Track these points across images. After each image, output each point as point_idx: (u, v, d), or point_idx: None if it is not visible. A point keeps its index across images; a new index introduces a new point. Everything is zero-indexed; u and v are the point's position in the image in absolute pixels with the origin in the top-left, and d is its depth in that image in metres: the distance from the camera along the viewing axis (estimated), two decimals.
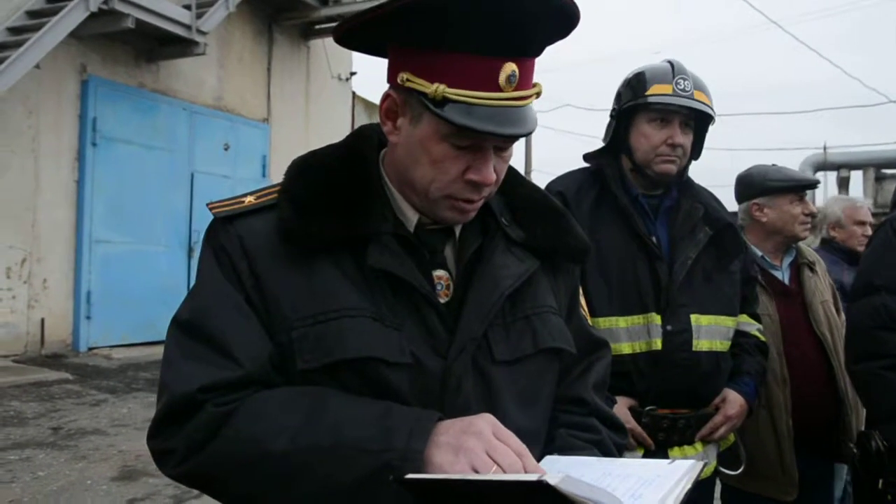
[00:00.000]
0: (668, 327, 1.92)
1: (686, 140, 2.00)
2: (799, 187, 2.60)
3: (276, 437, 0.93)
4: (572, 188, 2.03)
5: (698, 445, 2.01)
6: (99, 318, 8.26)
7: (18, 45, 7.10)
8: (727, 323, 2.03)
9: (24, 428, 5.36)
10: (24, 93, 7.50)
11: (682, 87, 1.96)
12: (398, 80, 1.00)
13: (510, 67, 0.97)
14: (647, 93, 1.97)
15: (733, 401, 2.04)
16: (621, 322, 1.92)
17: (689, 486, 0.95)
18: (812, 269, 2.65)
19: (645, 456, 1.92)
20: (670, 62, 2.02)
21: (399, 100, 1.03)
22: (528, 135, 1.01)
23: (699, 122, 2.04)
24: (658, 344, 1.91)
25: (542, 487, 0.76)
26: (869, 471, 2.06)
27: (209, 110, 9.68)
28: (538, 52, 1.02)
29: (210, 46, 9.03)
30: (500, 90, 0.97)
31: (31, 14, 7.73)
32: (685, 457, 1.97)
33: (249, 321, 1.01)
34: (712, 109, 2.00)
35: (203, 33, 8.74)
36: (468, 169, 1.01)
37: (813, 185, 2.67)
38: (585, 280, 1.91)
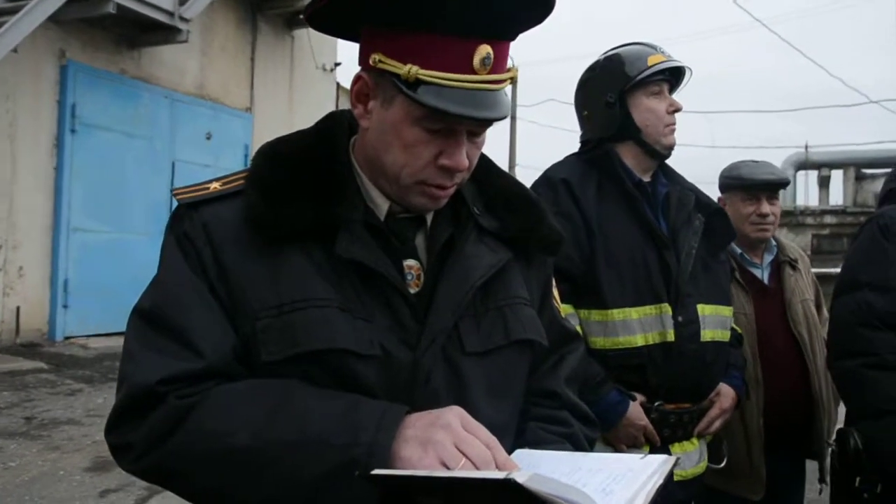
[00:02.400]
0: (679, 318, 1.90)
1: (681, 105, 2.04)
2: (747, 187, 2.55)
3: (240, 431, 0.91)
4: (576, 175, 2.00)
5: (695, 440, 2.00)
6: (76, 306, 8.14)
7: None
8: (725, 312, 2.03)
9: None
10: (1, 77, 7.35)
11: (668, 54, 2.02)
12: (370, 62, 0.98)
13: (485, 50, 0.95)
14: (649, 65, 1.98)
15: (727, 394, 2.04)
16: (634, 313, 1.89)
17: (660, 481, 0.94)
18: (794, 267, 2.62)
19: (651, 453, 1.89)
20: (641, 42, 2.07)
21: (371, 82, 1.01)
22: (501, 119, 0.99)
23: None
24: (671, 335, 1.88)
25: (510, 485, 0.75)
26: (846, 468, 2.06)
27: (191, 98, 9.57)
28: (513, 35, 1.00)
29: (193, 34, 8.90)
30: (475, 73, 0.95)
31: None
32: (685, 452, 1.96)
33: (213, 311, 0.98)
34: (691, 68, 2.07)
35: (186, 20, 8.61)
36: (440, 154, 0.99)
37: (761, 185, 2.54)
38: (597, 271, 1.89)
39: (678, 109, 2.01)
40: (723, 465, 2.18)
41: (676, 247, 1.96)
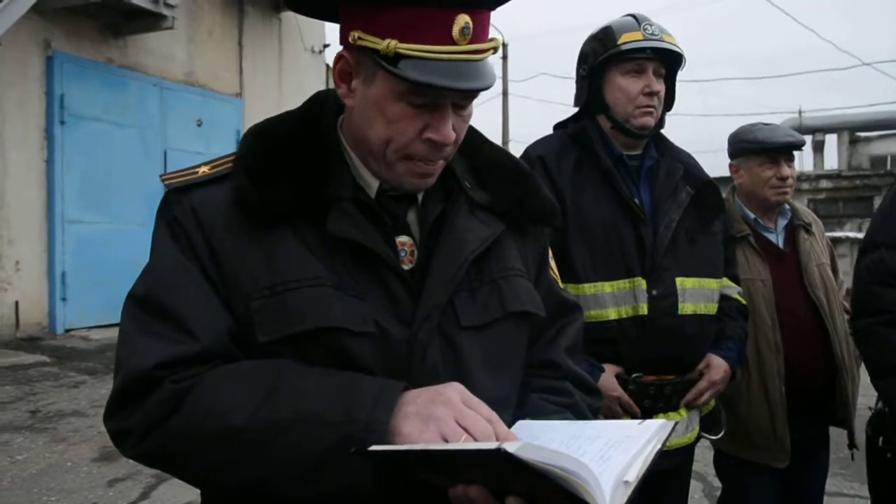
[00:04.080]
0: (654, 292, 1.90)
1: (661, 87, 1.98)
2: (767, 150, 2.49)
3: (236, 412, 0.91)
4: (552, 152, 1.99)
5: (682, 411, 2.00)
6: (75, 298, 8.14)
7: None
8: (711, 285, 2.01)
9: (1, 412, 5.29)
10: None
11: (651, 31, 1.95)
12: (350, 40, 0.97)
13: (463, 19, 0.94)
14: (619, 42, 1.94)
15: (717, 366, 2.03)
16: (607, 287, 1.90)
17: (658, 446, 0.94)
18: (808, 231, 2.58)
19: None
20: (632, 14, 2.01)
21: (352, 60, 1.00)
22: (485, 89, 0.98)
23: (668, 69, 2.02)
24: (644, 309, 1.89)
25: (501, 455, 0.75)
26: (874, 430, 2.09)
27: (180, 86, 9.49)
28: (493, 4, 0.99)
29: (178, 20, 8.80)
30: (455, 43, 0.94)
31: None
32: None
33: (206, 294, 0.98)
34: (682, 50, 1.99)
35: (171, 6, 8.52)
36: (426, 128, 0.98)
37: (782, 148, 2.49)
38: (569, 246, 1.89)
39: (653, 92, 1.94)
40: (720, 435, 2.18)
41: (656, 220, 1.95)
